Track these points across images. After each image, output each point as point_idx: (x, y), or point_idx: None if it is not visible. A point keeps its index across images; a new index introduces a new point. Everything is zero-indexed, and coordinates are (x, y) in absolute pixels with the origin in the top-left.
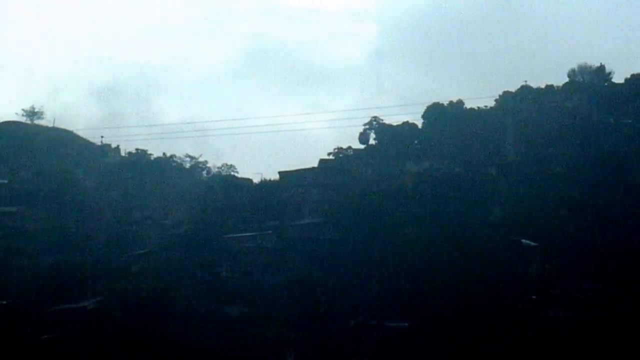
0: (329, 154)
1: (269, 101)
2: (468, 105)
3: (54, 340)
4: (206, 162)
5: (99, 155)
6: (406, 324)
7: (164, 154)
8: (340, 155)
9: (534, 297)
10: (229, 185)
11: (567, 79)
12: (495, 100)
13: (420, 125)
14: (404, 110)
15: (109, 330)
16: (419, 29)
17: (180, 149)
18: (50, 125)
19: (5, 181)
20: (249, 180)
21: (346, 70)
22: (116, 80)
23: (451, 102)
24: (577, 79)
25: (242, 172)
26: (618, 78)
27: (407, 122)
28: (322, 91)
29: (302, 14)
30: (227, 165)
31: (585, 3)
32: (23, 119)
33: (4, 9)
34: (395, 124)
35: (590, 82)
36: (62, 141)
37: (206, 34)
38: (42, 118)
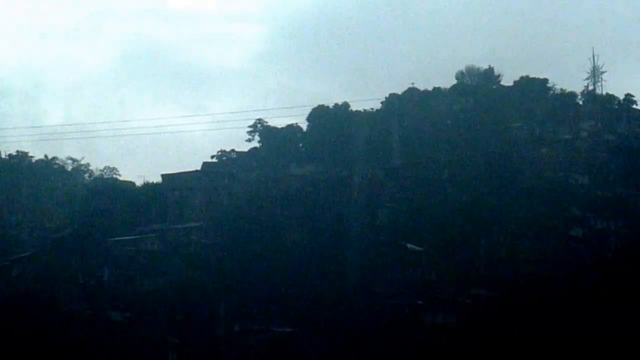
0: (212, 157)
1: (151, 103)
2: (354, 107)
3: None
4: (88, 164)
5: None
6: (290, 329)
7: (45, 156)
8: (224, 158)
9: (419, 302)
10: (111, 188)
11: (455, 81)
12: (382, 103)
13: (305, 128)
14: (289, 112)
15: None
16: (304, 31)
17: (63, 151)
18: None
19: None
20: (132, 183)
21: (230, 73)
22: None
23: (336, 104)
24: (465, 81)
25: (125, 175)
26: (507, 81)
27: (291, 124)
28: (206, 93)
29: (184, 15)
30: (109, 167)
31: (474, 4)
32: None
33: None
34: (279, 126)
35: (478, 84)
36: None
37: (88, 35)
38: None
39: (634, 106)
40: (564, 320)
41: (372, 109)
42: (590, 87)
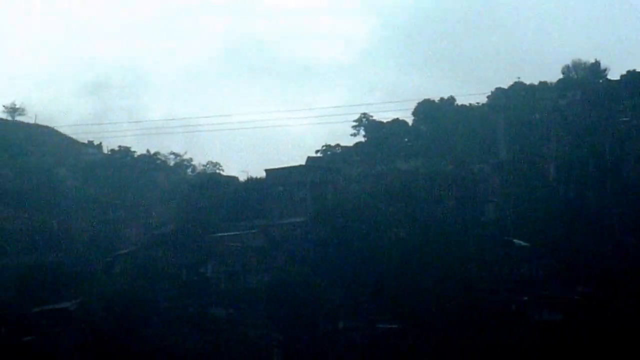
0: (317, 152)
1: (255, 98)
2: (459, 102)
3: (35, 342)
4: (191, 159)
5: (81, 153)
6: (396, 326)
7: (147, 151)
8: (329, 153)
9: (525, 298)
10: (214, 183)
11: (561, 76)
12: (487, 97)
13: (410, 123)
14: (394, 107)
15: (90, 332)
16: (409, 25)
17: (165, 146)
18: (32, 122)
19: None
20: (235, 178)
21: (335, 67)
22: (100, 77)
23: (442, 98)
24: (571, 76)
25: (228, 170)
26: (614, 74)
27: (397, 119)
28: (311, 88)
29: (288, 10)
30: (212, 163)
31: None
32: (4, 116)
33: None
34: (385, 121)
35: (584, 78)
36: (43, 138)
37: (191, 29)
38: (24, 115)
39: None
40: None
41: (477, 103)
42: None
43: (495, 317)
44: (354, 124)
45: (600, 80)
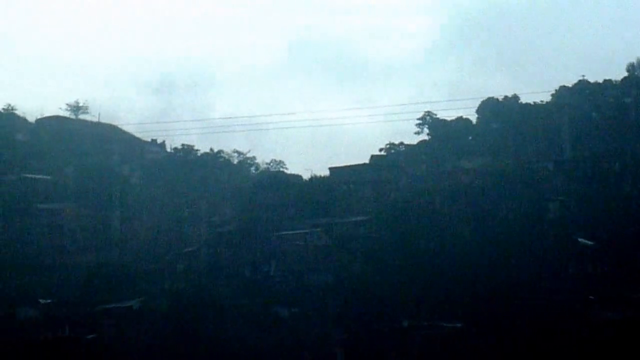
0: (380, 150)
1: (318, 96)
2: (523, 100)
3: (98, 340)
4: (254, 157)
5: (144, 151)
6: (459, 325)
7: (211, 149)
8: (393, 151)
9: (591, 297)
10: (278, 181)
11: (626, 74)
12: (552, 95)
13: (474, 121)
14: (458, 105)
15: (153, 330)
16: (473, 23)
17: (229, 144)
18: (95, 120)
19: (49, 177)
20: (299, 177)
21: (398, 65)
22: (165, 76)
23: (506, 97)
24: (636, 74)
25: (292, 169)
26: None
27: (461, 117)
28: (374, 86)
29: (352, 7)
30: (276, 161)
31: None
32: (67, 114)
33: (51, 5)
34: (448, 119)
35: None
36: (107, 136)
37: (252, 27)
38: (87, 113)
39: None
40: None
41: (542, 101)
42: None
43: (560, 317)
44: (418, 122)
45: None
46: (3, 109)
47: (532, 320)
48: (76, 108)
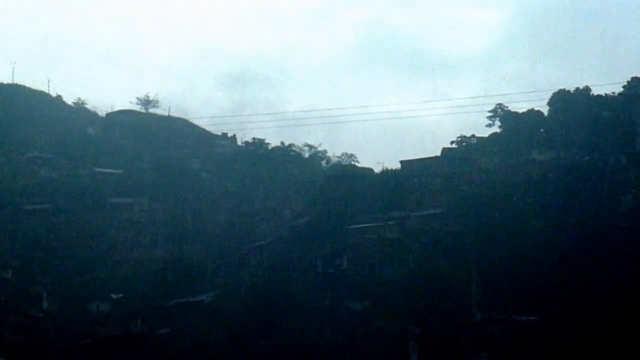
0: (452, 143)
1: (388, 89)
2: (595, 92)
3: (170, 334)
4: (325, 151)
5: (215, 145)
6: (534, 318)
7: (282, 143)
8: (464, 144)
9: None
10: (349, 175)
11: None
12: (623, 87)
13: (546, 113)
14: (529, 97)
15: (225, 325)
16: (544, 15)
17: (303, 138)
18: (166, 114)
19: (120, 171)
20: (370, 170)
21: (469, 58)
22: (239, 70)
23: (577, 88)
24: None
25: (363, 162)
26: None
27: (532, 109)
28: (446, 79)
29: (422, 1)
30: (347, 154)
31: None
32: (137, 108)
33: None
34: (520, 111)
35: None
36: (177, 130)
37: (323, 21)
38: (157, 107)
39: None
40: None
41: (613, 93)
42: None
43: (635, 310)
44: (489, 114)
45: None
46: (74, 103)
47: (607, 313)
48: (146, 102)
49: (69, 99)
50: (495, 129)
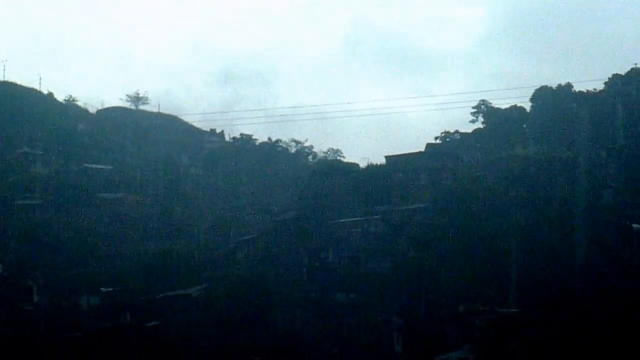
0: (436, 138)
1: (374, 86)
2: (577, 88)
3: (159, 327)
4: (312, 146)
5: (203, 141)
6: (516, 310)
7: (269, 138)
8: (448, 140)
9: None
10: (335, 170)
11: None
12: (605, 84)
13: (528, 109)
14: (512, 94)
15: (213, 318)
16: (525, 13)
17: (290, 134)
18: (155, 110)
19: (110, 167)
20: (356, 165)
21: (453, 55)
22: (229, 67)
23: (559, 85)
24: None
25: (349, 157)
26: None
27: (515, 106)
28: (428, 76)
29: None
30: (333, 149)
31: None
32: (127, 105)
33: None
34: (503, 107)
35: None
36: (166, 127)
37: (312, 19)
38: (147, 103)
39: None
40: None
41: (595, 89)
42: None
43: (616, 303)
44: (473, 110)
45: None
46: (65, 100)
47: (588, 305)
48: (136, 99)
49: (60, 96)
50: (479, 124)
